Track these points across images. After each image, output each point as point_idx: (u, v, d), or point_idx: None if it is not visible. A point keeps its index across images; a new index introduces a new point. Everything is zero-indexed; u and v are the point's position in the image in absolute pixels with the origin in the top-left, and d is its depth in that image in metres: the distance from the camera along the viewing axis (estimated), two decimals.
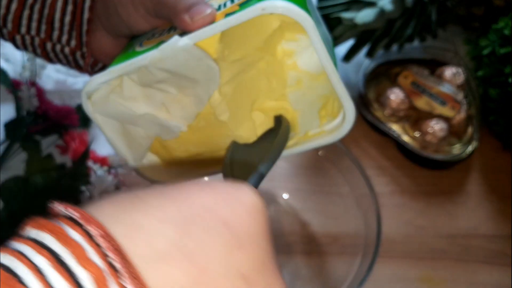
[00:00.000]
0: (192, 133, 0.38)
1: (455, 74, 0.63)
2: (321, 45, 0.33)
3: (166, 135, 0.38)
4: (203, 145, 0.40)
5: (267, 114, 0.39)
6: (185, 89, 0.36)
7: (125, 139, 0.38)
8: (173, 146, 0.40)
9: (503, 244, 0.59)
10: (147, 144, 0.39)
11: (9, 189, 0.51)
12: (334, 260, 0.53)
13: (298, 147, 0.39)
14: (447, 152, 0.60)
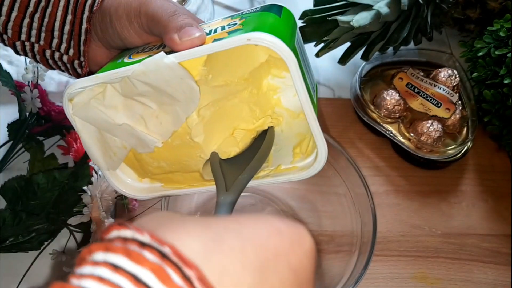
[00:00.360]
0: (166, 150, 0.39)
1: (450, 76, 0.64)
2: (300, 82, 0.33)
3: (141, 149, 0.39)
4: (175, 163, 0.40)
5: (248, 132, 0.39)
6: (164, 105, 0.36)
7: (101, 146, 0.39)
8: (147, 160, 0.40)
9: (498, 243, 0.60)
10: (122, 155, 0.39)
11: (11, 189, 0.52)
12: (331, 258, 0.54)
13: (269, 179, 0.39)
14: (442, 153, 0.61)
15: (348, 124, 0.65)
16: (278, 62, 0.36)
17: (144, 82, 0.34)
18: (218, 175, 0.37)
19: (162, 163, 0.40)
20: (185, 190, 0.41)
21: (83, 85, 0.36)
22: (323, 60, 0.62)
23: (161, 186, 0.41)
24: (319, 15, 0.58)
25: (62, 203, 0.51)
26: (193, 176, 0.41)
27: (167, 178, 0.41)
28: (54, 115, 0.56)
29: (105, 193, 0.50)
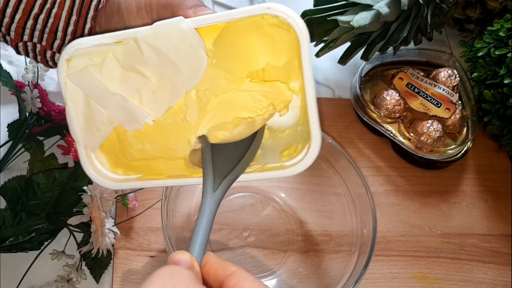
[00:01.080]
0: (155, 129, 0.38)
1: (450, 76, 0.64)
2: (309, 61, 0.33)
3: (129, 125, 0.37)
4: (161, 147, 0.39)
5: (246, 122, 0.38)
6: (164, 80, 0.36)
7: (85, 119, 0.37)
8: (130, 141, 0.39)
9: (498, 243, 0.60)
10: (106, 132, 0.38)
11: (11, 189, 0.52)
12: (331, 258, 0.54)
13: (255, 173, 0.38)
14: (442, 153, 0.61)
15: (348, 124, 0.65)
16: (273, 71, 0.36)
17: (152, 46, 0.34)
18: (207, 169, 0.36)
19: (146, 145, 0.39)
20: (162, 182, 0.39)
21: (89, 43, 0.35)
22: (323, 60, 0.62)
23: (137, 178, 0.40)
24: (319, 15, 0.58)
25: (62, 203, 0.51)
26: (175, 164, 0.39)
27: (146, 166, 0.40)
28: (54, 115, 0.56)
29: (105, 193, 0.50)
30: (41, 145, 0.56)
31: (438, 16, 0.62)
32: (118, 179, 0.39)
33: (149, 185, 0.40)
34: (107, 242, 0.48)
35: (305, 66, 0.34)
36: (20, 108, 0.55)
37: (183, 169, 0.39)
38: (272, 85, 0.37)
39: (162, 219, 0.47)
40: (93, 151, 0.39)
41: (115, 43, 0.36)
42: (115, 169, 0.40)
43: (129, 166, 0.40)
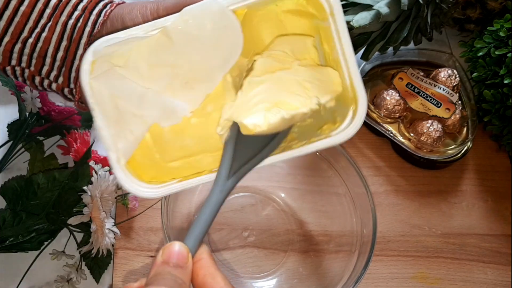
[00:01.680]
0: (196, 120, 0.35)
1: (450, 76, 0.64)
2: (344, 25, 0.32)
3: (167, 120, 0.35)
4: (203, 139, 0.36)
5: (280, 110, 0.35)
6: (198, 67, 0.34)
7: (115, 125, 0.34)
8: (168, 140, 0.36)
9: (498, 243, 0.60)
10: (140, 133, 0.35)
11: (11, 189, 0.52)
12: (331, 258, 0.54)
13: (296, 150, 0.35)
14: (442, 153, 0.61)
15: None
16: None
17: (182, 31, 0.32)
18: (226, 155, 0.34)
19: (187, 140, 0.36)
20: (206, 177, 0.36)
21: (116, 37, 0.33)
22: None
23: (178, 181, 0.36)
24: None
25: (62, 203, 0.51)
26: (218, 156, 0.36)
27: (187, 165, 0.36)
28: (54, 115, 0.56)
29: (105, 193, 0.50)
30: (41, 145, 0.56)
31: (438, 16, 0.62)
32: (158, 186, 0.36)
33: (192, 184, 0.36)
34: (107, 242, 0.48)
35: (342, 30, 0.33)
36: (20, 108, 0.55)
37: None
38: (322, 71, 0.35)
39: (162, 219, 0.47)
40: (128, 157, 0.35)
41: (144, 36, 0.33)
42: (150, 180, 0.36)
43: (167, 171, 0.37)
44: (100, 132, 0.34)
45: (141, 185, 0.35)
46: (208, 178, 0.35)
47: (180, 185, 0.35)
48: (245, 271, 0.54)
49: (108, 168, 0.53)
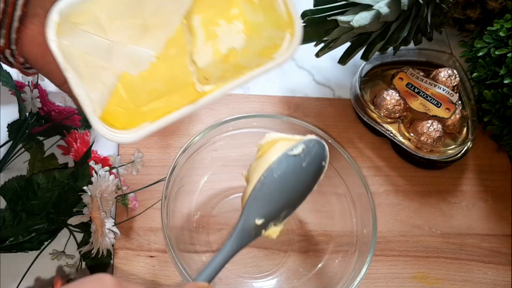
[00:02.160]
0: (162, 64, 0.38)
1: (450, 76, 0.64)
2: None
3: (135, 68, 0.37)
4: (171, 80, 0.39)
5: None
6: (155, 14, 0.36)
7: (87, 81, 0.36)
8: (138, 87, 0.38)
9: (498, 243, 0.60)
10: (111, 83, 0.37)
11: (12, 189, 0.52)
12: (331, 258, 0.54)
13: (245, 76, 0.39)
14: (442, 153, 0.61)
15: (348, 124, 0.65)
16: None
17: None
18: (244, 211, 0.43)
19: (156, 83, 0.39)
20: (176, 114, 0.39)
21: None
22: (323, 60, 0.62)
23: (150, 123, 0.39)
24: (319, 15, 0.58)
25: (62, 203, 0.51)
26: (186, 93, 0.39)
27: (158, 106, 0.39)
28: (54, 115, 0.56)
29: (105, 193, 0.50)
30: (41, 145, 0.56)
31: (438, 16, 0.62)
32: (134, 131, 0.38)
33: (164, 122, 0.39)
34: (107, 242, 0.48)
35: None
36: (20, 108, 0.55)
37: (193, 95, 0.39)
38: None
39: (162, 219, 0.47)
40: (103, 108, 0.38)
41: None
42: (125, 127, 0.39)
43: (139, 116, 0.39)
44: (74, 90, 0.36)
45: (118, 132, 0.38)
46: (177, 115, 0.39)
47: (153, 125, 0.38)
48: (245, 271, 0.54)
49: (108, 168, 0.53)
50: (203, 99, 0.39)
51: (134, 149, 0.56)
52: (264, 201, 0.42)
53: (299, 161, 0.43)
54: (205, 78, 0.40)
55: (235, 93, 0.64)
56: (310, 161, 0.43)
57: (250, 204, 0.42)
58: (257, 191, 0.42)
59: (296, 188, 0.44)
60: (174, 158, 0.50)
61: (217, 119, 0.60)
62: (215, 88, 0.39)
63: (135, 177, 0.56)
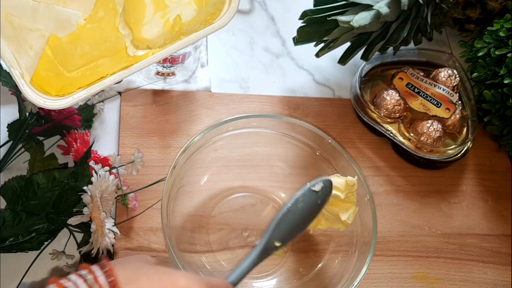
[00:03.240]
0: (90, 26, 0.38)
1: (450, 76, 0.64)
2: None
3: (63, 30, 0.37)
4: (100, 43, 0.38)
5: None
6: None
7: (14, 43, 0.36)
8: (68, 51, 0.38)
9: (498, 243, 0.60)
10: (39, 47, 0.37)
11: (11, 189, 0.52)
12: (331, 258, 0.54)
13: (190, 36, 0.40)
14: (442, 153, 0.61)
15: (348, 124, 0.65)
16: None
17: None
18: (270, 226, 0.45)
19: (85, 47, 0.38)
20: (110, 79, 0.39)
21: None
22: (323, 60, 0.62)
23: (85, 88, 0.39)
24: (319, 15, 0.58)
25: (62, 203, 0.51)
26: (119, 58, 0.39)
27: (89, 72, 0.39)
28: (54, 115, 0.56)
29: (105, 193, 0.50)
30: (41, 145, 0.56)
31: (438, 16, 0.62)
32: (66, 97, 0.39)
33: (97, 88, 0.39)
34: (107, 242, 0.48)
35: None
36: (20, 108, 0.55)
37: (127, 60, 0.39)
38: None
39: (162, 219, 0.47)
40: (31, 73, 0.37)
41: None
42: (57, 94, 0.39)
43: (72, 82, 0.39)
44: (1, 52, 0.36)
45: (48, 98, 0.38)
46: (111, 80, 0.39)
47: (86, 91, 0.39)
48: None
49: (108, 168, 0.53)
50: (137, 64, 0.39)
51: (134, 149, 0.56)
52: (285, 226, 0.45)
53: (316, 197, 0.46)
54: (148, 47, 0.40)
55: (235, 93, 0.64)
56: (323, 199, 0.47)
57: (275, 227, 0.45)
58: (283, 217, 0.45)
59: (308, 221, 0.47)
60: (174, 158, 0.50)
61: (217, 119, 0.60)
62: (149, 53, 0.39)
63: (135, 177, 0.56)
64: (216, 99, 0.63)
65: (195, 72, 0.64)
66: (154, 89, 0.62)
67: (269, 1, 0.73)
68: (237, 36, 0.69)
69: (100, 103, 0.59)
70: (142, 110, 0.61)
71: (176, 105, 0.62)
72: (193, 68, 0.64)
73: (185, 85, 0.63)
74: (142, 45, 0.40)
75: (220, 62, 0.67)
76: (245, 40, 0.69)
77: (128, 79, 0.62)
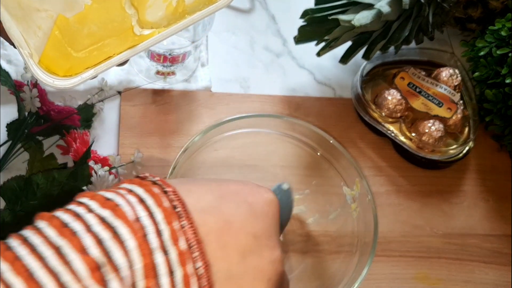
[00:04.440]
0: (97, 6, 0.38)
1: (452, 75, 0.64)
2: None
3: (70, 10, 0.37)
4: (107, 23, 0.39)
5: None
6: None
7: (23, 23, 0.36)
8: (75, 30, 0.38)
9: (499, 243, 0.60)
10: (47, 27, 0.37)
11: (11, 189, 0.52)
12: (332, 259, 0.54)
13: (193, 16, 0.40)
14: (443, 153, 0.61)
15: (349, 123, 0.65)
16: None
17: None
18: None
19: (92, 26, 0.39)
20: (117, 58, 0.39)
21: None
22: (324, 59, 0.62)
23: (93, 68, 0.39)
24: (320, 14, 0.58)
25: (61, 203, 0.51)
26: (125, 37, 0.40)
27: (97, 51, 0.40)
28: (54, 115, 0.56)
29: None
30: (40, 145, 0.56)
31: (439, 15, 0.62)
32: (74, 77, 0.39)
33: (104, 68, 0.39)
34: None
35: None
36: (19, 107, 0.55)
37: (133, 39, 0.40)
38: None
39: None
40: (40, 53, 0.38)
41: None
42: (65, 74, 0.39)
43: (80, 62, 0.39)
44: (9, 32, 0.36)
45: (58, 79, 0.38)
46: (117, 59, 0.39)
47: (94, 70, 0.39)
48: None
49: (107, 168, 0.53)
50: (143, 43, 0.39)
51: (134, 149, 0.56)
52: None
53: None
54: (152, 28, 0.41)
55: (235, 93, 0.64)
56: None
57: None
58: None
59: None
60: (174, 158, 0.49)
61: (217, 119, 0.60)
62: (154, 32, 0.40)
63: (135, 177, 0.55)
64: (217, 99, 0.63)
65: (195, 72, 0.64)
66: (154, 89, 0.62)
67: (269, 0, 0.72)
68: (237, 35, 0.69)
69: (99, 102, 0.58)
70: (142, 110, 0.60)
71: (176, 105, 0.61)
72: (193, 68, 0.64)
73: (185, 85, 0.63)
74: (147, 27, 0.40)
75: (220, 61, 0.66)
76: (246, 40, 0.69)
77: (128, 78, 0.61)
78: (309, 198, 0.57)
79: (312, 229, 0.56)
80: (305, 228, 0.56)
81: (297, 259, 0.55)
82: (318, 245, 0.55)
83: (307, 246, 0.55)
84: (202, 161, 0.55)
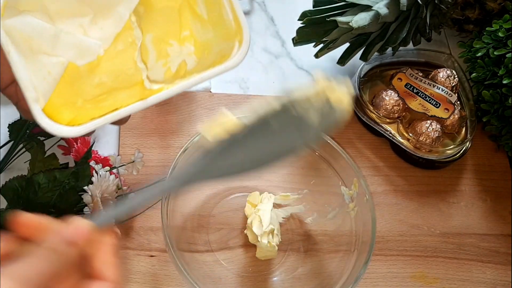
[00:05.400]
0: (108, 59, 0.38)
1: (449, 76, 0.64)
2: None
3: (82, 59, 0.37)
4: (118, 75, 0.39)
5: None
6: (104, 8, 0.37)
7: (33, 65, 0.36)
8: (85, 79, 0.38)
9: (496, 243, 0.60)
10: (58, 73, 0.37)
11: (12, 189, 0.52)
12: (330, 258, 0.54)
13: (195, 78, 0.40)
14: (440, 153, 0.61)
15: (347, 124, 0.65)
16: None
17: None
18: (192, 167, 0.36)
19: (103, 77, 0.38)
20: (123, 111, 0.38)
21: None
22: (322, 60, 0.62)
23: (99, 117, 0.38)
24: (318, 16, 0.58)
25: (62, 203, 0.52)
26: (133, 91, 0.39)
27: (104, 102, 0.39)
28: None
29: (106, 193, 0.50)
30: (41, 145, 0.56)
31: (437, 16, 0.63)
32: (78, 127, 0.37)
33: (109, 119, 0.38)
34: None
35: None
36: None
37: (141, 94, 0.39)
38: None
39: (162, 219, 0.47)
40: (47, 98, 0.37)
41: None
42: (69, 123, 0.38)
43: (85, 113, 0.38)
44: (17, 74, 0.35)
45: (61, 126, 0.36)
46: (123, 112, 0.38)
47: (98, 121, 0.38)
48: (245, 271, 0.54)
49: (108, 168, 0.53)
50: (152, 97, 0.39)
51: (134, 149, 0.57)
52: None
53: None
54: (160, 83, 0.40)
55: (234, 93, 0.65)
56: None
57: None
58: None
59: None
60: (174, 158, 0.50)
61: None
62: (163, 88, 0.39)
63: (135, 177, 0.56)
64: (216, 99, 0.63)
65: None
66: None
67: (268, 2, 0.73)
68: None
69: None
70: (142, 110, 0.61)
71: (176, 105, 0.62)
72: None
73: None
74: (156, 82, 0.40)
75: None
76: None
77: None
78: (308, 198, 0.57)
79: (311, 228, 0.57)
80: (303, 227, 0.57)
81: (295, 258, 0.55)
82: (317, 244, 0.56)
83: (305, 245, 0.56)
84: None
